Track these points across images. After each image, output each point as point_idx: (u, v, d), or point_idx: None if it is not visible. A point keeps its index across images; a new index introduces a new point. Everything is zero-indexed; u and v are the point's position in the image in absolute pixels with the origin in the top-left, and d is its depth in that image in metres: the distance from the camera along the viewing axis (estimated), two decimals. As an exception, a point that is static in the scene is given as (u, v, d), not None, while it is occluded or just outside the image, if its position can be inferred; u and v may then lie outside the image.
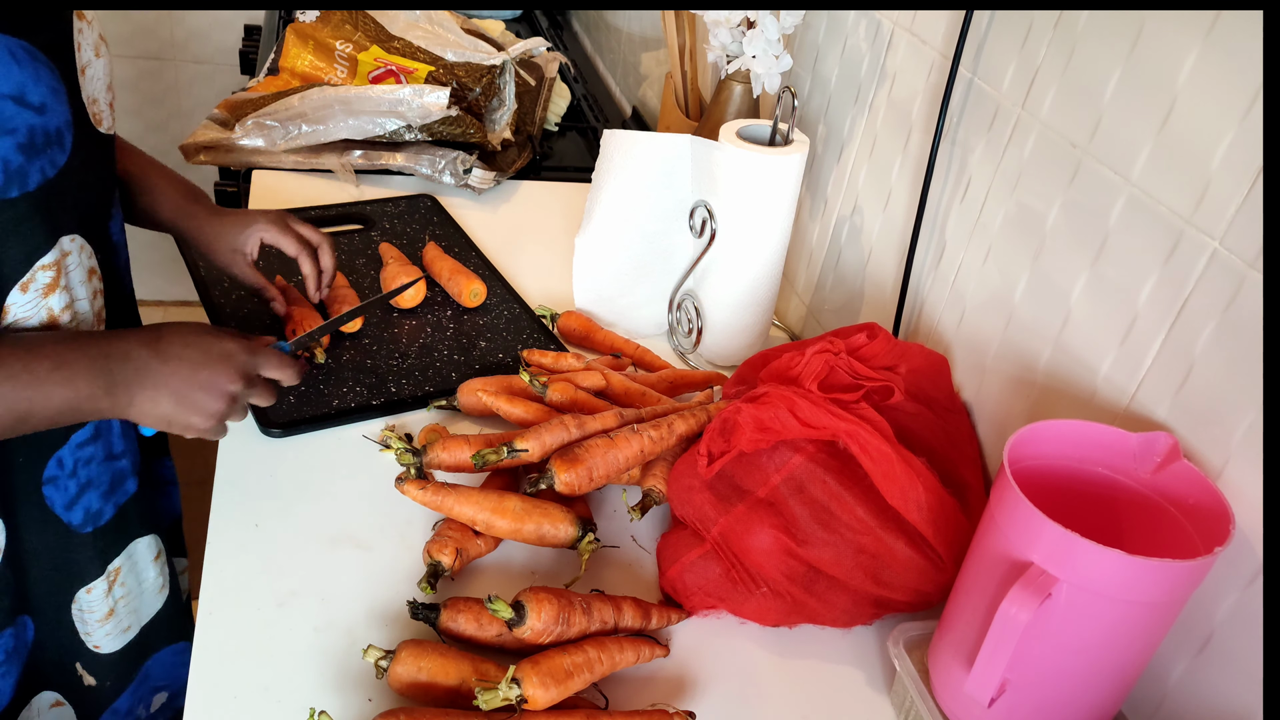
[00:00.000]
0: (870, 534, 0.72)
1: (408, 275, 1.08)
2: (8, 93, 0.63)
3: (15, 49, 0.63)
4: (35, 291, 0.70)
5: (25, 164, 0.66)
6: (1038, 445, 0.66)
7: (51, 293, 0.72)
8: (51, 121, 0.67)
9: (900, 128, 0.96)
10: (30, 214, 0.68)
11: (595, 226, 1.08)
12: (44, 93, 0.65)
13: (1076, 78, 0.73)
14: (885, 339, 0.84)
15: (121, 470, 0.86)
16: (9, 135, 0.64)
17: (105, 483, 0.84)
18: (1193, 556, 0.56)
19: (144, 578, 0.93)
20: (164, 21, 2.46)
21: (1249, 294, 0.59)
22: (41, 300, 0.71)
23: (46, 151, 0.67)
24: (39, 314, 0.72)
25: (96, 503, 0.84)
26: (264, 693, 0.68)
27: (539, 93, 1.57)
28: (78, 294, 0.75)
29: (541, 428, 0.82)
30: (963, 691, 0.64)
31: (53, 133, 0.67)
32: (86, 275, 0.76)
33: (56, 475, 0.79)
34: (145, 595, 0.94)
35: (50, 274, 0.71)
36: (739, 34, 1.05)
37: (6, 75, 0.63)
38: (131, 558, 0.91)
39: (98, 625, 0.89)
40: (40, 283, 0.71)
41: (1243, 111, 0.59)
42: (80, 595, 0.86)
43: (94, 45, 0.74)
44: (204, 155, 1.31)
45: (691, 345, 1.09)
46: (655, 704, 0.71)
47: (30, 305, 0.70)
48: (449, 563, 0.76)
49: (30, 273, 0.70)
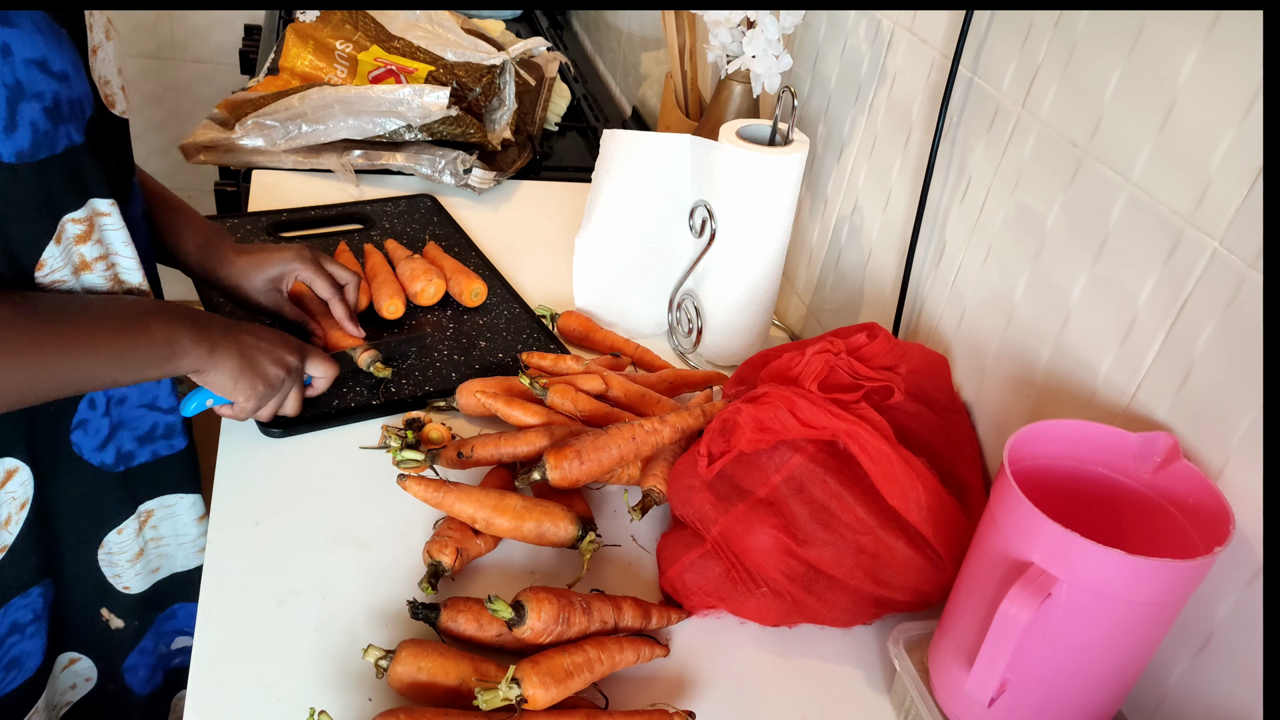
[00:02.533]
0: (870, 534, 0.72)
1: (426, 274, 1.09)
2: (34, 58, 0.65)
3: (39, 19, 0.66)
4: (66, 241, 0.73)
5: (52, 129, 0.68)
6: (1038, 445, 0.66)
7: (84, 242, 0.74)
8: (74, 92, 0.69)
9: (900, 128, 0.96)
10: (61, 178, 0.71)
11: (595, 226, 1.08)
12: (66, 63, 0.68)
13: (1077, 77, 0.73)
14: (885, 339, 0.84)
15: (170, 424, 0.88)
16: (37, 100, 0.66)
17: (143, 427, 0.86)
18: (1193, 556, 0.56)
19: (183, 532, 0.95)
20: (164, 21, 2.46)
21: (1249, 294, 0.59)
22: (73, 247, 0.74)
23: (71, 120, 0.70)
24: (71, 259, 0.74)
25: (129, 444, 0.86)
26: (264, 692, 0.68)
27: (539, 93, 1.57)
28: (119, 250, 0.77)
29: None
30: (963, 691, 0.64)
31: (75, 102, 0.70)
32: (129, 240, 0.78)
33: (87, 418, 0.81)
34: (182, 548, 0.96)
35: (81, 226, 0.73)
36: (739, 34, 1.05)
37: (33, 43, 0.65)
38: (172, 509, 0.92)
39: (128, 565, 0.90)
40: (70, 233, 0.73)
41: (1243, 111, 0.59)
42: (109, 538, 0.88)
43: (104, 27, 0.76)
44: (204, 155, 1.31)
45: (691, 345, 1.09)
46: (655, 704, 0.71)
47: (62, 255, 0.73)
48: (449, 563, 0.76)
49: (59, 226, 0.72)
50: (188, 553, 0.97)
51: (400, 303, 1.07)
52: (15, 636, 0.83)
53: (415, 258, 1.13)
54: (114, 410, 0.83)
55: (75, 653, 0.91)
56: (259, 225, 1.20)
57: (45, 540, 0.83)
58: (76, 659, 0.92)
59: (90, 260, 0.75)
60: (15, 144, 0.66)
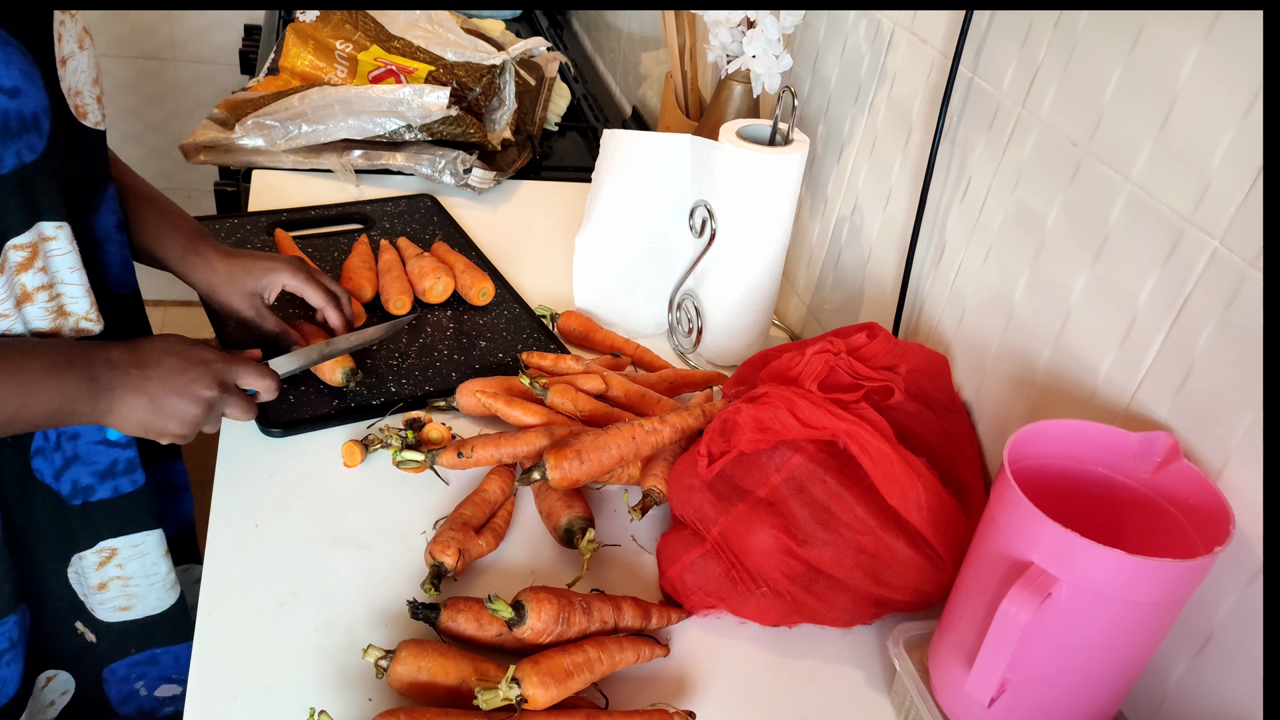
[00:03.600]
0: (870, 534, 0.72)
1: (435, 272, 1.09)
2: None
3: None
4: (9, 270, 0.71)
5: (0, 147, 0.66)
6: (1038, 445, 0.66)
7: (25, 270, 0.71)
8: (26, 106, 0.67)
9: (900, 127, 0.96)
10: (6, 197, 0.68)
11: (595, 226, 1.08)
12: (16, 77, 0.65)
13: (1077, 77, 0.73)
14: (885, 339, 0.84)
15: (129, 460, 0.86)
16: None
17: (100, 463, 0.85)
18: (1193, 556, 0.56)
19: (152, 571, 0.93)
20: (164, 21, 2.46)
21: (1249, 294, 0.59)
22: (15, 277, 0.71)
23: (22, 136, 0.67)
24: (13, 290, 0.71)
25: (86, 479, 0.84)
26: (264, 692, 0.68)
27: (539, 93, 1.57)
28: (65, 278, 0.74)
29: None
30: (963, 691, 0.64)
31: (28, 117, 0.67)
32: (78, 264, 0.75)
33: (42, 447, 0.80)
34: (154, 588, 0.94)
35: (24, 253, 0.71)
36: (739, 34, 1.05)
37: None
38: (139, 549, 0.91)
39: (92, 592, 0.89)
40: (12, 261, 0.70)
41: (1243, 111, 0.59)
42: (74, 559, 0.87)
43: (77, 38, 0.73)
44: (204, 155, 1.31)
45: (691, 345, 1.09)
46: (655, 704, 0.71)
47: (4, 285, 0.71)
48: (452, 563, 0.76)
49: (2, 253, 0.70)
50: (160, 592, 0.94)
51: (408, 299, 1.08)
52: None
53: (425, 255, 1.14)
54: (65, 444, 0.82)
55: (52, 669, 0.90)
56: (259, 225, 1.20)
57: (19, 566, 0.82)
58: (54, 675, 0.91)
59: (32, 290, 0.72)
60: None
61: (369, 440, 0.87)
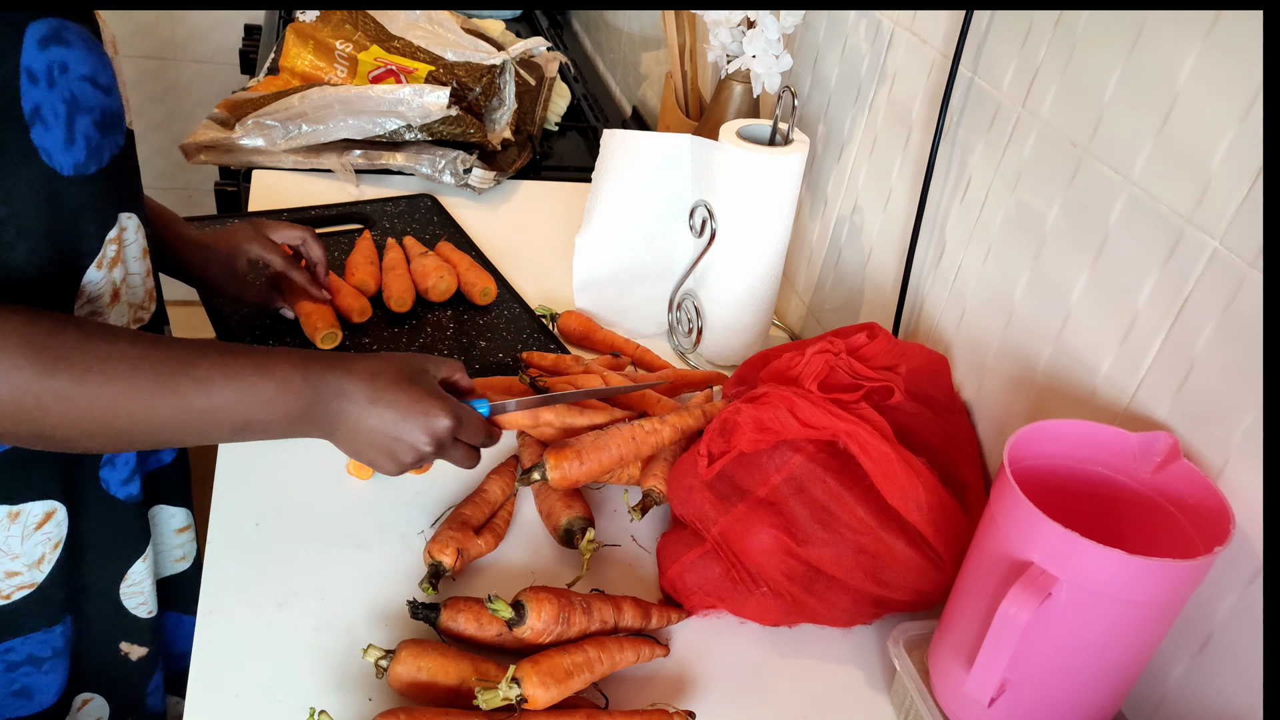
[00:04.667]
0: (870, 534, 0.72)
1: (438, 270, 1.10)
2: (86, 74, 0.66)
3: (85, 36, 0.66)
4: (105, 267, 0.73)
5: (101, 141, 0.69)
6: (1038, 445, 0.66)
7: (114, 266, 0.74)
8: (115, 103, 0.70)
9: (900, 127, 0.96)
10: (104, 190, 0.71)
11: (595, 226, 1.08)
12: (109, 76, 0.69)
13: (1077, 77, 0.73)
14: (885, 339, 0.84)
15: None
16: (88, 114, 0.67)
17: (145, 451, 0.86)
18: (1193, 556, 0.56)
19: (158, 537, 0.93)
20: (164, 21, 2.46)
21: (1249, 294, 0.59)
22: (108, 274, 0.74)
23: (113, 132, 0.71)
24: (106, 288, 0.74)
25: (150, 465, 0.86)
26: (264, 692, 0.68)
27: (539, 92, 1.57)
28: (132, 269, 0.77)
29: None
30: (963, 691, 0.64)
31: (116, 114, 0.71)
32: (142, 252, 0.78)
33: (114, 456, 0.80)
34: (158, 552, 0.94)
35: (114, 248, 0.74)
36: (739, 34, 1.05)
37: (83, 59, 0.66)
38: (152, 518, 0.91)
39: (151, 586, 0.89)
40: (107, 256, 0.73)
41: (1243, 111, 0.59)
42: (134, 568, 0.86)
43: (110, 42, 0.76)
44: (204, 155, 1.31)
45: (691, 345, 1.09)
46: (655, 704, 0.71)
47: (101, 281, 0.73)
48: (450, 563, 0.76)
49: (102, 248, 0.72)
50: (164, 560, 0.95)
51: (410, 297, 1.09)
52: (28, 668, 0.81)
53: (429, 254, 1.14)
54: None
55: (90, 693, 0.90)
56: (259, 225, 1.21)
57: (73, 579, 0.82)
58: (90, 699, 0.90)
59: (118, 286, 0.75)
60: (73, 157, 0.67)
61: None
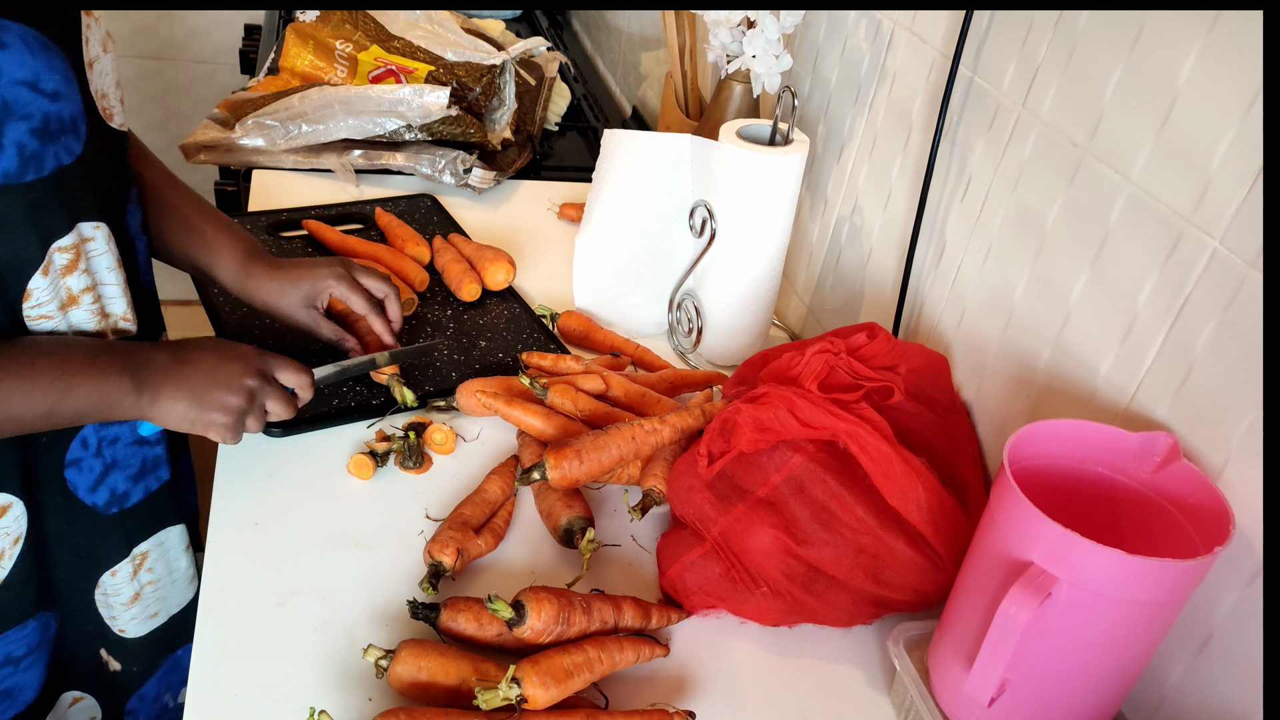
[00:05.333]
0: (870, 534, 0.72)
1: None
2: (23, 79, 0.65)
3: (29, 37, 0.65)
4: (54, 273, 0.72)
5: (41, 149, 0.67)
6: (1038, 445, 0.66)
7: (70, 273, 0.73)
8: (65, 110, 0.68)
9: (900, 127, 0.96)
10: (47, 199, 0.69)
11: (595, 226, 1.08)
12: (57, 81, 0.67)
13: (1077, 77, 0.73)
14: (885, 339, 0.84)
15: (156, 456, 0.87)
16: (24, 120, 0.65)
17: (134, 465, 0.85)
18: (1193, 556, 0.56)
19: (175, 567, 0.94)
20: (164, 21, 2.46)
21: (1249, 294, 0.59)
22: (60, 280, 0.73)
23: (61, 138, 0.69)
24: (59, 294, 0.73)
25: (123, 484, 0.85)
26: (264, 692, 0.68)
27: (539, 92, 1.57)
28: (104, 279, 0.76)
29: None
30: (963, 691, 0.64)
31: (67, 120, 0.69)
32: (116, 263, 0.77)
33: (80, 457, 0.80)
34: (176, 585, 0.95)
35: (68, 255, 0.72)
36: (739, 34, 1.05)
37: (22, 63, 0.64)
38: (163, 545, 0.92)
39: (123, 609, 0.89)
40: (57, 264, 0.72)
41: (1243, 111, 0.59)
42: (105, 579, 0.87)
43: (101, 41, 0.75)
44: (204, 155, 1.31)
45: (691, 345, 1.09)
46: (655, 704, 0.71)
47: (50, 288, 0.72)
48: (450, 563, 0.76)
49: (48, 255, 0.71)
50: (181, 589, 0.96)
51: (478, 286, 1.12)
52: (8, 669, 0.82)
53: (485, 246, 1.16)
54: (106, 450, 0.82)
55: (79, 691, 0.90)
56: (259, 225, 1.20)
57: (42, 575, 0.82)
58: (81, 698, 0.91)
59: (77, 294, 0.74)
60: (1, 165, 0.65)
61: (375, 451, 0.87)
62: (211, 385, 0.77)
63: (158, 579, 0.92)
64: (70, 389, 0.71)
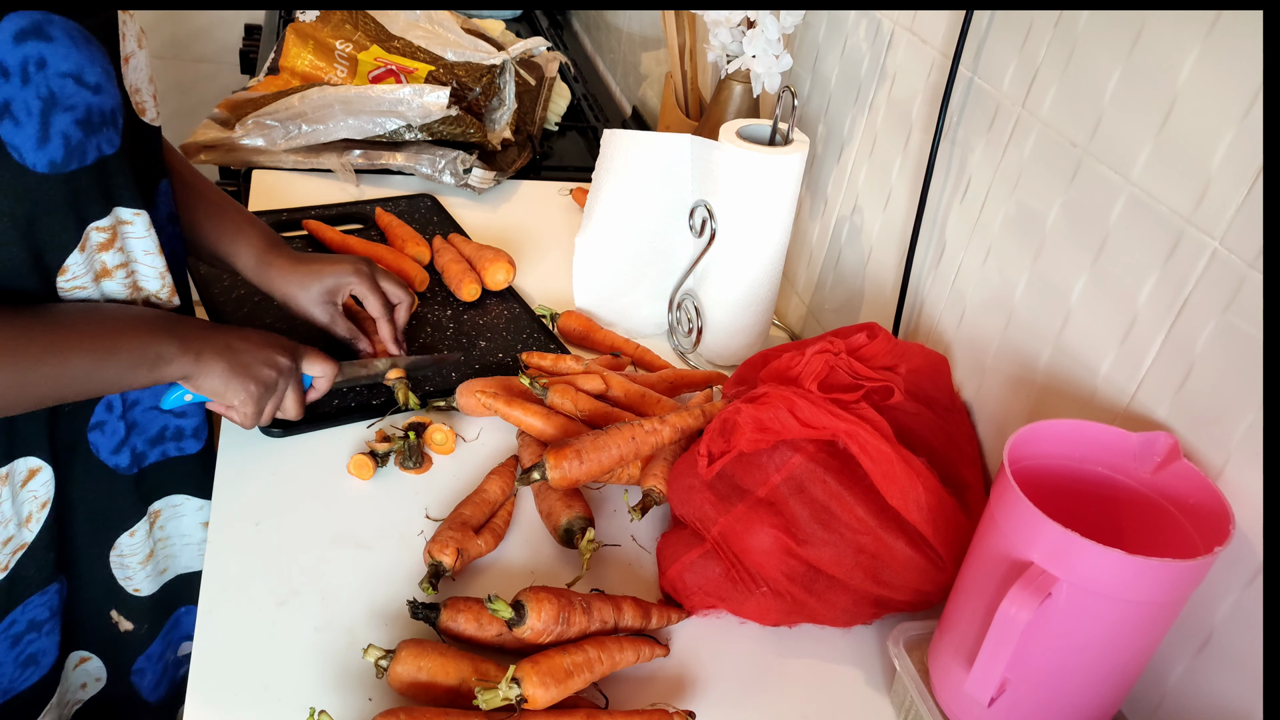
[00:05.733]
0: (870, 534, 0.72)
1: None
2: (69, 71, 0.66)
3: (73, 31, 0.66)
4: (90, 249, 0.73)
5: (84, 140, 0.69)
6: (1038, 445, 0.66)
7: (106, 250, 0.74)
8: (106, 102, 0.70)
9: (900, 127, 0.96)
10: (89, 187, 0.71)
11: (595, 226, 1.08)
12: (99, 74, 0.68)
13: (1077, 77, 0.73)
14: (885, 339, 0.84)
15: (179, 427, 0.89)
16: (69, 112, 0.67)
17: (153, 429, 0.87)
18: (1193, 556, 0.56)
19: (186, 533, 0.95)
20: (164, 21, 2.46)
21: (1249, 294, 0.59)
22: (96, 255, 0.74)
23: (103, 130, 0.70)
24: (94, 266, 0.74)
25: (141, 445, 0.87)
26: (264, 692, 0.68)
27: (539, 92, 1.57)
28: (139, 259, 0.78)
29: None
30: (963, 691, 0.64)
31: (108, 113, 0.70)
32: (155, 248, 0.78)
33: (104, 420, 0.82)
34: (187, 548, 0.96)
35: (105, 235, 0.74)
36: (739, 34, 1.05)
37: (67, 55, 0.65)
38: (178, 509, 0.93)
39: (139, 567, 0.91)
40: (94, 241, 0.73)
41: (1243, 111, 0.59)
42: (122, 540, 0.88)
43: (136, 37, 0.77)
44: (204, 155, 1.31)
45: (691, 345, 1.09)
46: (655, 704, 0.71)
47: (85, 262, 0.74)
48: (450, 563, 0.76)
49: (85, 234, 0.73)
50: (192, 554, 0.97)
51: (478, 286, 1.12)
52: (33, 634, 0.83)
53: (485, 246, 1.16)
54: (129, 413, 0.84)
55: (86, 651, 0.92)
56: (259, 225, 1.21)
57: (62, 539, 0.83)
58: (87, 658, 0.92)
59: (111, 268, 0.75)
60: (48, 155, 0.66)
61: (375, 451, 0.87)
62: (251, 356, 0.80)
63: (168, 537, 0.94)
64: (118, 340, 0.73)
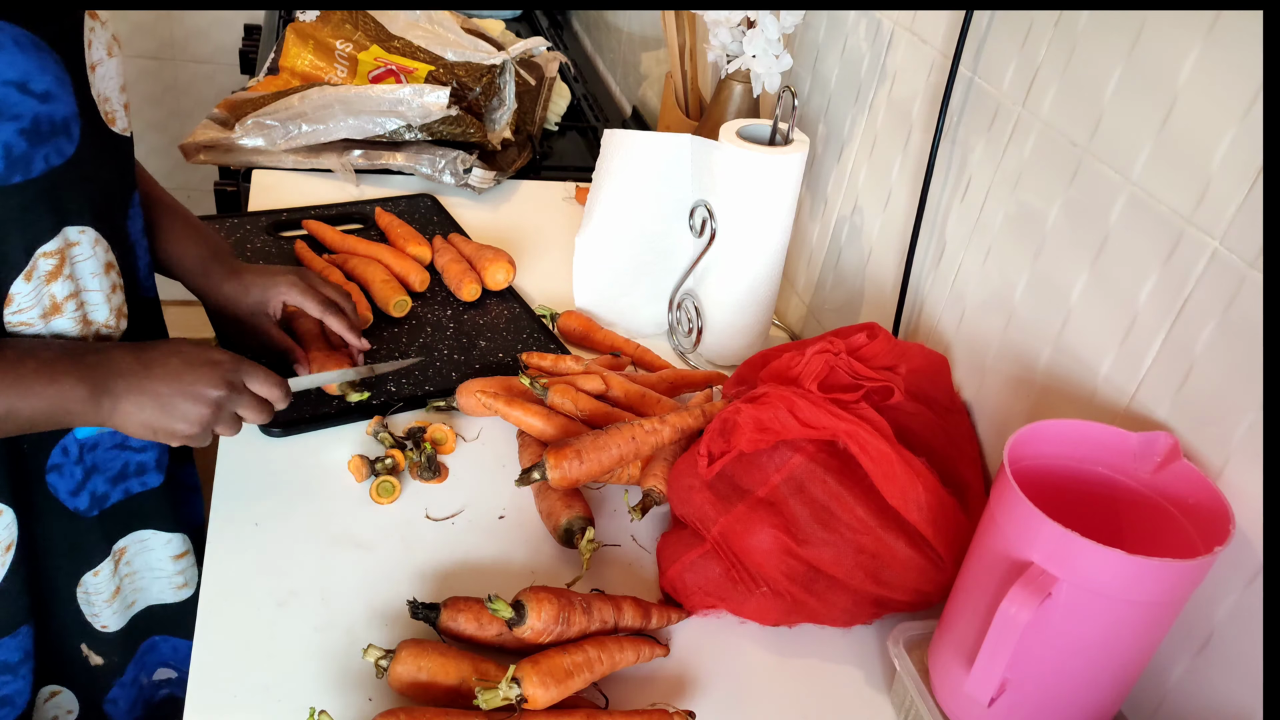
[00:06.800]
0: (870, 534, 0.72)
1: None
2: (11, 79, 0.64)
3: (20, 38, 0.64)
4: (37, 279, 0.71)
5: (29, 150, 0.67)
6: (1038, 445, 0.66)
7: (54, 280, 0.72)
8: (58, 111, 0.68)
9: (900, 127, 0.96)
10: (34, 201, 0.69)
11: (595, 226, 1.08)
12: (49, 82, 0.66)
13: (1077, 77, 0.73)
14: (885, 339, 0.84)
15: (141, 462, 0.87)
16: (12, 121, 0.65)
17: (114, 469, 0.85)
18: (1193, 556, 0.56)
19: (155, 566, 0.94)
20: (164, 21, 2.46)
21: (1249, 294, 0.59)
22: (44, 287, 0.72)
23: (52, 140, 0.68)
24: (42, 301, 0.72)
25: (103, 486, 0.85)
26: (264, 692, 0.68)
27: (539, 92, 1.57)
28: (87, 285, 0.75)
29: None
30: (963, 691, 0.64)
31: (59, 122, 0.68)
32: (102, 268, 0.76)
33: (61, 463, 0.80)
34: (157, 580, 0.95)
35: (52, 261, 0.71)
36: (739, 34, 1.05)
37: (10, 63, 0.64)
38: (145, 543, 0.92)
39: (105, 605, 0.90)
40: (41, 270, 0.71)
41: (1243, 111, 0.59)
42: (87, 579, 0.87)
43: (106, 45, 0.75)
44: (204, 155, 1.31)
45: (691, 345, 1.09)
46: (655, 704, 0.71)
47: (32, 294, 0.71)
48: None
49: (31, 261, 0.70)
50: (163, 587, 0.95)
51: (478, 286, 1.12)
52: (7, 676, 0.82)
53: (485, 246, 1.17)
54: (86, 456, 0.82)
55: (57, 685, 0.91)
56: (259, 225, 1.20)
57: (31, 581, 0.82)
58: (58, 691, 0.91)
59: (60, 301, 0.73)
60: None
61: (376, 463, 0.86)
62: (175, 394, 0.73)
63: (135, 571, 0.92)
64: (25, 395, 0.68)
